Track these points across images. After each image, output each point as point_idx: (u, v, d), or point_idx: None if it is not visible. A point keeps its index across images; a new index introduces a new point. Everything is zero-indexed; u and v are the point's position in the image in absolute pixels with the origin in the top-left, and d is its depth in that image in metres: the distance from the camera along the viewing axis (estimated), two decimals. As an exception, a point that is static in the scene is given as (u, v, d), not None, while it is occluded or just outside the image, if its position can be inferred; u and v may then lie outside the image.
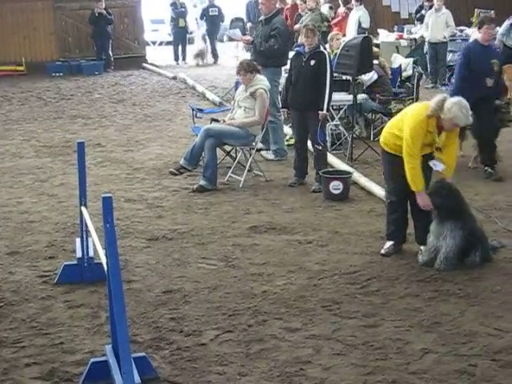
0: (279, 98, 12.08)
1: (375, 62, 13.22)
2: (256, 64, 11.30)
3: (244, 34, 19.39)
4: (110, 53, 24.48)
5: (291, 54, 11.77)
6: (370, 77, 13.39)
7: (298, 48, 11.05)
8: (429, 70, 20.33)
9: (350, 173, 10.38)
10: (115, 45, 25.01)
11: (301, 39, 10.51)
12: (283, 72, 12.46)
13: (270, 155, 12.31)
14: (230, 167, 11.01)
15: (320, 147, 10.51)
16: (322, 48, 10.59)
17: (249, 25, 24.51)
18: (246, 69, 10.89)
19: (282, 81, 12.10)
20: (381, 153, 8.18)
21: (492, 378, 5.42)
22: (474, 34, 20.49)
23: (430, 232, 7.67)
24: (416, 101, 13.73)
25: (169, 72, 23.30)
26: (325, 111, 10.39)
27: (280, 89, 12.38)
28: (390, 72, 14.41)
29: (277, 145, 12.28)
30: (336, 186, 9.91)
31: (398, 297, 6.87)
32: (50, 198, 10.07)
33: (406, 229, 8.12)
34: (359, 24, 20.41)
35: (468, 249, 7.57)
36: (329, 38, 15.20)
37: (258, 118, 10.77)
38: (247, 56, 13.52)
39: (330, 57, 10.71)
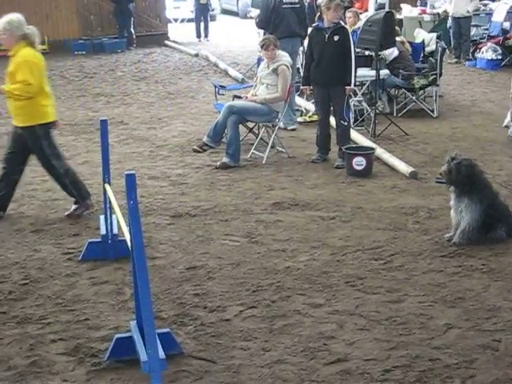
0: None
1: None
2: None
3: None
4: (132, 30, 24.43)
5: (309, 30, 11.71)
6: (391, 52, 13.30)
7: (317, 23, 10.99)
8: (452, 44, 20.17)
9: (373, 148, 10.36)
10: (137, 22, 24.95)
11: (325, 14, 10.40)
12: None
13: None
14: (253, 144, 11.02)
15: (345, 123, 10.50)
16: (342, 23, 10.58)
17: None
18: (275, 44, 10.88)
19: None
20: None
21: (516, 353, 5.43)
22: (498, 8, 20.37)
23: (451, 207, 7.68)
24: (440, 76, 13.69)
25: (191, 49, 23.28)
26: (352, 86, 10.39)
27: None
28: (409, 47, 14.32)
29: None
30: (359, 162, 9.89)
31: (421, 272, 6.87)
32: (73, 176, 10.11)
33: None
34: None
35: (491, 223, 7.55)
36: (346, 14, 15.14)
37: (280, 95, 10.75)
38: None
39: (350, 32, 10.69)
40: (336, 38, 10.30)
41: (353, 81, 10.36)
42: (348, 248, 7.48)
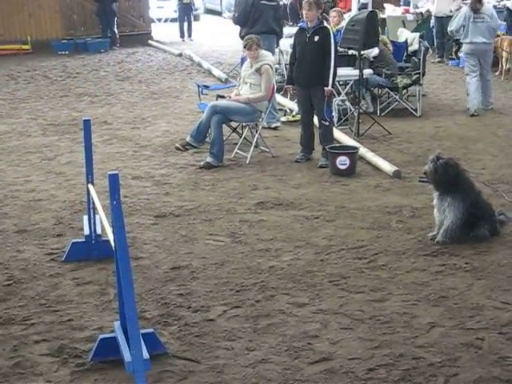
0: None
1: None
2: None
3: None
4: (116, 30, 24.40)
5: (294, 29, 11.78)
6: (371, 50, 13.31)
7: (301, 23, 11.02)
8: (435, 44, 20.24)
9: (356, 148, 10.37)
10: (120, 22, 24.93)
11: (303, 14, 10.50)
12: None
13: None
14: (237, 143, 11.01)
15: (327, 123, 10.50)
16: (325, 23, 10.58)
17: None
18: (258, 44, 10.88)
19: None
20: None
21: (499, 351, 5.43)
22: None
23: (434, 206, 7.70)
24: (423, 75, 13.73)
25: (174, 49, 23.26)
26: (330, 87, 10.35)
27: None
28: (391, 47, 14.34)
29: None
30: (343, 162, 9.91)
31: (404, 271, 6.89)
32: (57, 176, 10.10)
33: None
34: None
35: (474, 222, 7.58)
36: (331, 14, 15.22)
37: (263, 94, 10.75)
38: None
39: (333, 32, 10.66)
40: (316, 38, 10.29)
41: (330, 82, 10.30)
42: (332, 247, 7.49)
